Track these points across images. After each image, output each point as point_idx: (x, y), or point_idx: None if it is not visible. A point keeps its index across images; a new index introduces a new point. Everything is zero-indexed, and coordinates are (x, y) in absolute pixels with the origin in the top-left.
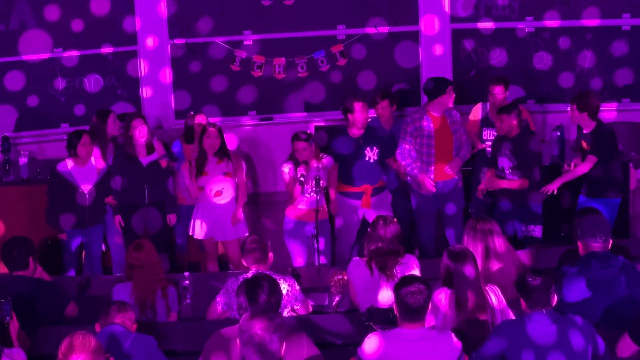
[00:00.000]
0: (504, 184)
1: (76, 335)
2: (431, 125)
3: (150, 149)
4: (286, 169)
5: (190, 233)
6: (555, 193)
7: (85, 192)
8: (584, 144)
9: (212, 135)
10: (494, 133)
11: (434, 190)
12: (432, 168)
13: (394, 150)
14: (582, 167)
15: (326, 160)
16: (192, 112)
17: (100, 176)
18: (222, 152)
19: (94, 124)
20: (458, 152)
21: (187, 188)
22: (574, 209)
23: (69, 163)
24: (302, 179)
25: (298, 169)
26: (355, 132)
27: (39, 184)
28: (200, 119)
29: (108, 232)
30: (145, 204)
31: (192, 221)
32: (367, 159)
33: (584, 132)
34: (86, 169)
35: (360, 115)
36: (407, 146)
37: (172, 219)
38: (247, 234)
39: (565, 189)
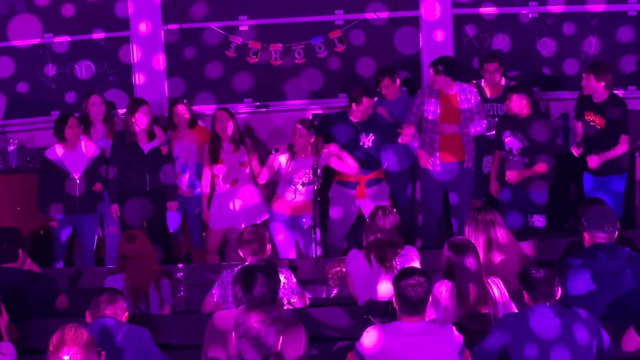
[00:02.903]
0: (527, 173)
1: (67, 329)
2: (437, 110)
3: (151, 135)
4: (282, 158)
5: (210, 225)
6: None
7: (76, 178)
8: (592, 116)
9: (222, 118)
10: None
11: (431, 168)
12: (437, 154)
13: (393, 138)
14: (620, 148)
15: (333, 148)
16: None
17: (92, 162)
18: (238, 139)
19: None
20: (469, 136)
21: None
22: (579, 200)
23: (58, 149)
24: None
25: (291, 162)
26: (356, 119)
27: (29, 173)
28: (181, 109)
29: (105, 221)
30: (146, 192)
31: (211, 211)
32: (361, 144)
33: (595, 101)
34: (76, 154)
35: (366, 110)
36: (412, 118)
37: (172, 206)
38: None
39: (569, 179)
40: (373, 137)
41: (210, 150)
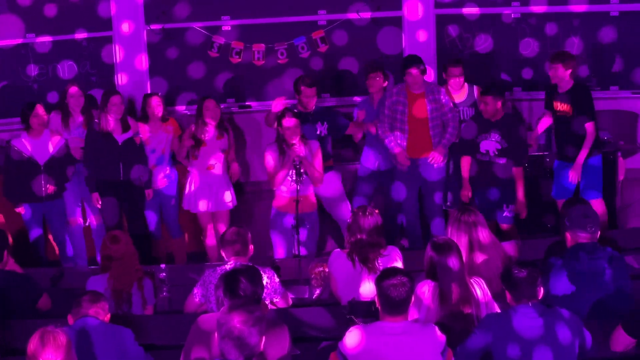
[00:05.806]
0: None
1: (46, 333)
2: (406, 108)
3: (125, 126)
4: (270, 155)
5: (185, 207)
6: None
7: (41, 166)
8: (559, 105)
9: (211, 106)
10: None
11: (408, 163)
12: (405, 151)
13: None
14: (589, 139)
15: (313, 144)
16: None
17: (57, 149)
18: (223, 127)
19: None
20: (439, 135)
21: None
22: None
23: (24, 137)
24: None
25: (288, 154)
26: (303, 109)
27: None
28: (155, 101)
29: (87, 210)
30: (120, 182)
31: (186, 194)
32: (318, 132)
33: (560, 91)
34: (41, 141)
35: (308, 99)
36: (385, 120)
37: (149, 194)
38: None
39: (544, 179)
40: (327, 125)
41: (195, 134)
